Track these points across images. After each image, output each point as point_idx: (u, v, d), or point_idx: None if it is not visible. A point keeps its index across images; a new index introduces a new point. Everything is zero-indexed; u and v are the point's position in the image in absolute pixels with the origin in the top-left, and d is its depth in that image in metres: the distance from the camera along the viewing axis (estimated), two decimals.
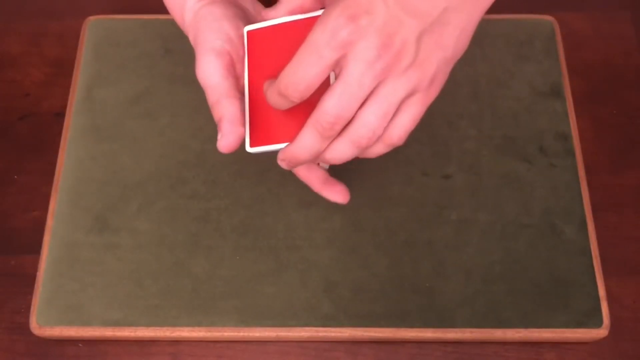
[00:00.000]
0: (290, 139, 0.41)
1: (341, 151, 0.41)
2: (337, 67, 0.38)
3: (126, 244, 0.55)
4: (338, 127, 0.39)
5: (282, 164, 0.43)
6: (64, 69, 0.64)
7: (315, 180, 0.50)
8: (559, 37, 0.63)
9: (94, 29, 0.64)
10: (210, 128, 0.59)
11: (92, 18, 0.65)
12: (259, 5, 0.48)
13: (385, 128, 0.40)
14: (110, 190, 0.57)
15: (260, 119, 0.42)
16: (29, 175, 0.60)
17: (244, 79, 0.44)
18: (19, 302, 0.55)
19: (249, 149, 0.43)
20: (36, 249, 0.55)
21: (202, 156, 0.58)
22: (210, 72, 0.43)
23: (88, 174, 0.57)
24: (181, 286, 0.53)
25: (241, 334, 0.52)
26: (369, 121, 0.39)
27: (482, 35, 0.64)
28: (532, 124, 0.59)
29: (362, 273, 0.54)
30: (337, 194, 0.50)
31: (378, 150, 0.42)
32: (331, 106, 0.38)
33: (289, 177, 0.57)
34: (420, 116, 0.41)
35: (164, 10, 0.64)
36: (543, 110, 0.60)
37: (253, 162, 0.58)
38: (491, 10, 0.67)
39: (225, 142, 0.42)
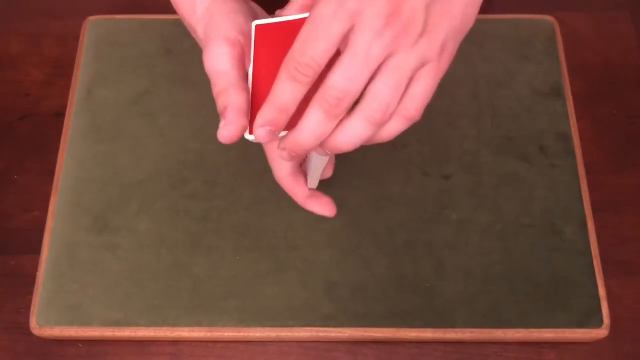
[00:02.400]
0: (292, 127, 0.39)
1: (354, 131, 0.38)
2: (344, 42, 0.36)
3: (126, 244, 0.55)
4: (345, 104, 0.37)
5: (283, 153, 0.41)
6: (64, 69, 0.64)
7: (300, 194, 0.49)
8: (559, 37, 0.63)
9: (94, 29, 0.64)
10: (211, 128, 0.59)
11: (92, 18, 0.65)
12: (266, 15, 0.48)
13: (400, 102, 0.38)
14: (110, 190, 0.57)
15: (257, 102, 0.41)
16: (29, 175, 0.60)
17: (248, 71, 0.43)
18: (19, 302, 0.55)
19: (247, 135, 0.40)
20: (36, 249, 0.55)
21: (202, 156, 0.58)
22: (221, 59, 0.41)
23: (88, 174, 0.57)
24: (181, 286, 0.53)
25: (241, 334, 0.52)
26: (382, 93, 0.37)
27: (482, 35, 0.64)
28: (532, 124, 0.59)
29: (362, 273, 0.54)
30: (323, 206, 0.49)
31: (395, 127, 0.39)
32: (338, 79, 0.36)
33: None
34: (434, 88, 0.39)
35: (164, 10, 0.64)
36: (543, 110, 0.60)
37: (253, 162, 0.58)
38: (491, 10, 0.67)
39: (227, 131, 0.40)
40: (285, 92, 0.37)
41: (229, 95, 0.41)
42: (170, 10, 0.47)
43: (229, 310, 0.52)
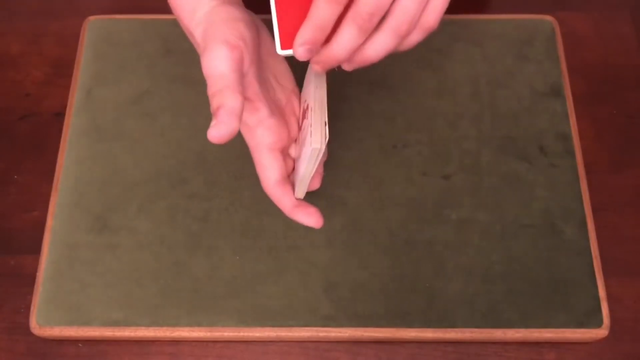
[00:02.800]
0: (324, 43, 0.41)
1: (383, 43, 0.41)
2: None
3: (126, 244, 0.55)
4: (376, 19, 0.40)
5: (317, 66, 0.43)
6: (64, 69, 0.64)
7: (287, 203, 0.49)
8: (559, 37, 0.63)
9: (94, 29, 0.64)
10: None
11: (92, 18, 0.65)
12: (266, 32, 0.48)
13: (421, 14, 0.41)
14: (110, 190, 0.57)
15: (290, 20, 0.41)
16: (29, 175, 0.60)
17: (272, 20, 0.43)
18: (19, 302, 0.55)
19: (280, 51, 0.42)
20: (36, 249, 0.55)
21: (202, 156, 0.58)
22: (220, 62, 0.42)
23: (88, 174, 0.57)
24: (181, 286, 0.53)
25: (241, 334, 0.52)
26: (409, 7, 0.40)
27: (482, 35, 0.64)
28: (532, 124, 0.59)
29: (362, 273, 0.54)
30: (309, 216, 0.49)
31: (416, 37, 0.42)
32: None
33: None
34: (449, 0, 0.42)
35: (164, 10, 0.64)
36: (543, 110, 0.60)
37: (253, 162, 0.58)
38: (491, 10, 0.67)
39: (217, 131, 0.40)
40: (324, 11, 0.39)
41: (223, 96, 0.41)
42: (170, 10, 0.47)
43: (229, 310, 0.52)
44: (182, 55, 0.63)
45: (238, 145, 0.58)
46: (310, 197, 0.56)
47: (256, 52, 0.45)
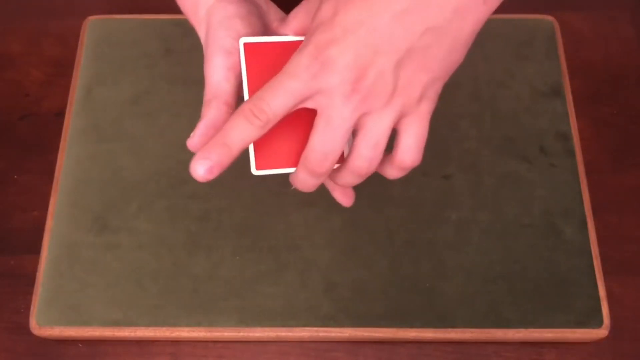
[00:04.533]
0: (295, 164, 0.41)
1: (347, 180, 0.42)
2: (314, 102, 0.38)
3: (126, 244, 0.55)
4: (329, 164, 0.39)
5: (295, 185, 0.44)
6: (64, 69, 0.64)
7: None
8: (559, 37, 0.63)
9: (94, 29, 0.64)
10: None
11: (92, 18, 0.65)
12: (271, 4, 0.47)
13: (395, 155, 0.41)
14: (110, 190, 0.57)
15: (265, 140, 0.41)
16: (29, 175, 0.60)
17: (243, 92, 0.43)
18: (19, 302, 0.55)
19: (254, 171, 0.42)
20: (36, 249, 0.55)
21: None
22: (215, 70, 0.42)
23: (88, 174, 0.57)
24: (181, 286, 0.53)
25: (241, 334, 0.52)
26: (362, 153, 0.39)
27: (482, 35, 0.63)
28: (532, 124, 0.59)
29: (362, 273, 0.54)
30: (345, 197, 0.49)
31: (395, 174, 0.43)
32: (317, 144, 0.39)
33: (289, 177, 0.57)
34: (425, 130, 0.41)
35: (164, 10, 0.64)
36: (543, 110, 0.60)
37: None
38: None
39: (192, 142, 0.41)
40: (235, 130, 0.39)
41: (208, 108, 0.42)
42: (170, 10, 0.47)
43: (229, 310, 0.52)
44: (182, 55, 0.63)
45: None
46: (311, 197, 0.56)
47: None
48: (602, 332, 0.52)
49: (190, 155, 0.58)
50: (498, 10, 0.66)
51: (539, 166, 0.58)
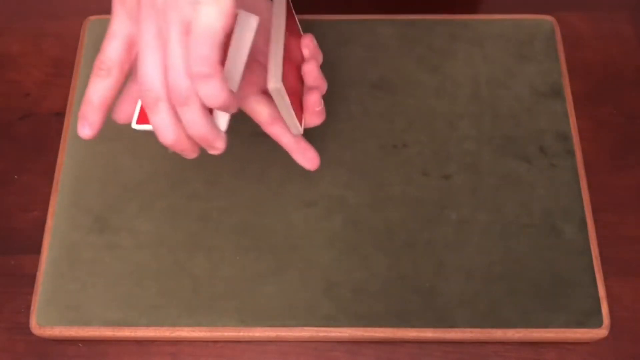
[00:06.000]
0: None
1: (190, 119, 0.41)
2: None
3: (126, 244, 0.55)
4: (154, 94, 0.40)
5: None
6: (64, 69, 0.64)
7: (286, 141, 0.50)
8: (559, 37, 0.63)
9: (94, 29, 0.64)
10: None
11: (92, 18, 0.65)
12: None
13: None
14: (110, 190, 0.57)
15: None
16: (29, 175, 0.60)
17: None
18: (19, 302, 0.55)
19: (134, 125, 0.44)
20: (36, 249, 0.55)
21: (202, 156, 0.58)
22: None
23: (88, 174, 0.57)
24: (181, 286, 0.53)
25: (241, 334, 0.52)
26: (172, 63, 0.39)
27: (482, 35, 0.64)
28: (532, 124, 0.59)
29: (362, 273, 0.54)
30: (306, 158, 0.50)
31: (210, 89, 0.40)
32: (141, 72, 0.40)
33: (289, 177, 0.57)
34: (214, 20, 0.39)
35: None
36: (543, 110, 0.60)
37: (253, 162, 0.58)
38: (491, 10, 0.67)
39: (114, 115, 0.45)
40: (90, 87, 0.42)
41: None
42: None
43: (229, 310, 0.52)
44: None
45: (238, 145, 0.58)
46: (311, 196, 0.56)
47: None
48: (602, 332, 0.52)
49: None
50: (498, 10, 0.66)
51: (539, 166, 0.58)
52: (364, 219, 0.56)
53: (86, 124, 0.43)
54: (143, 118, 0.44)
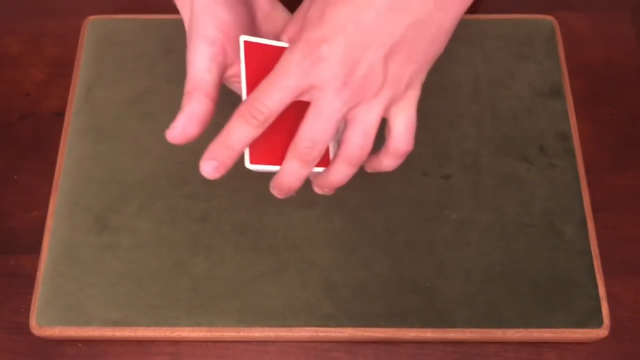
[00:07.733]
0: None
1: (340, 171, 0.43)
2: (308, 95, 0.40)
3: (126, 244, 0.55)
4: (316, 153, 0.41)
5: (274, 192, 0.45)
6: (64, 69, 0.64)
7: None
8: (559, 37, 0.63)
9: (94, 29, 0.64)
10: (210, 128, 0.59)
11: (92, 18, 0.65)
12: None
13: (388, 143, 0.43)
14: (110, 190, 0.57)
15: (263, 136, 0.41)
16: (29, 175, 0.60)
17: (241, 89, 0.42)
18: (19, 302, 0.55)
19: (248, 165, 0.42)
20: (36, 249, 0.55)
21: (202, 156, 0.58)
22: (198, 60, 0.42)
23: (88, 174, 0.57)
24: (181, 286, 0.53)
25: (241, 334, 0.52)
26: (353, 141, 0.41)
27: (482, 35, 0.64)
28: (532, 124, 0.59)
29: (362, 273, 0.54)
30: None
31: (391, 163, 0.44)
32: (306, 132, 0.40)
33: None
34: (414, 116, 0.43)
35: (164, 10, 0.64)
36: (543, 110, 0.60)
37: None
38: (491, 10, 0.67)
39: (171, 134, 0.42)
40: (235, 131, 0.40)
41: (189, 100, 0.42)
42: (170, 10, 0.47)
43: (229, 310, 0.52)
44: (182, 55, 0.62)
45: None
46: (311, 196, 0.56)
47: (245, 30, 0.44)
48: (602, 332, 0.52)
49: (190, 155, 0.58)
50: (498, 10, 0.66)
51: (539, 166, 0.58)
52: (364, 219, 0.56)
53: (219, 167, 0.41)
54: (258, 158, 0.42)
